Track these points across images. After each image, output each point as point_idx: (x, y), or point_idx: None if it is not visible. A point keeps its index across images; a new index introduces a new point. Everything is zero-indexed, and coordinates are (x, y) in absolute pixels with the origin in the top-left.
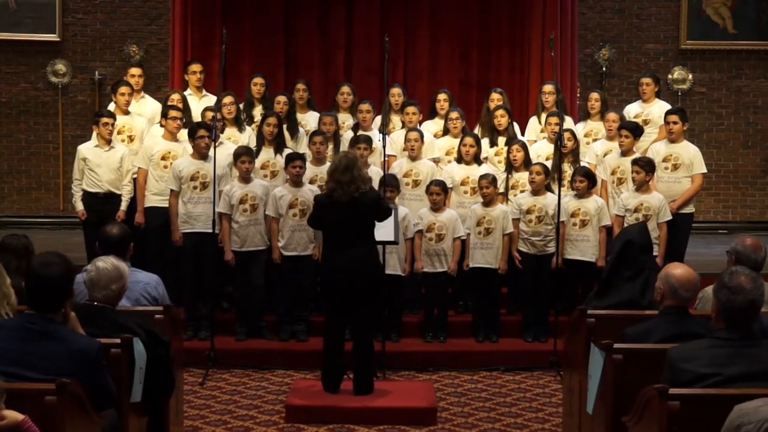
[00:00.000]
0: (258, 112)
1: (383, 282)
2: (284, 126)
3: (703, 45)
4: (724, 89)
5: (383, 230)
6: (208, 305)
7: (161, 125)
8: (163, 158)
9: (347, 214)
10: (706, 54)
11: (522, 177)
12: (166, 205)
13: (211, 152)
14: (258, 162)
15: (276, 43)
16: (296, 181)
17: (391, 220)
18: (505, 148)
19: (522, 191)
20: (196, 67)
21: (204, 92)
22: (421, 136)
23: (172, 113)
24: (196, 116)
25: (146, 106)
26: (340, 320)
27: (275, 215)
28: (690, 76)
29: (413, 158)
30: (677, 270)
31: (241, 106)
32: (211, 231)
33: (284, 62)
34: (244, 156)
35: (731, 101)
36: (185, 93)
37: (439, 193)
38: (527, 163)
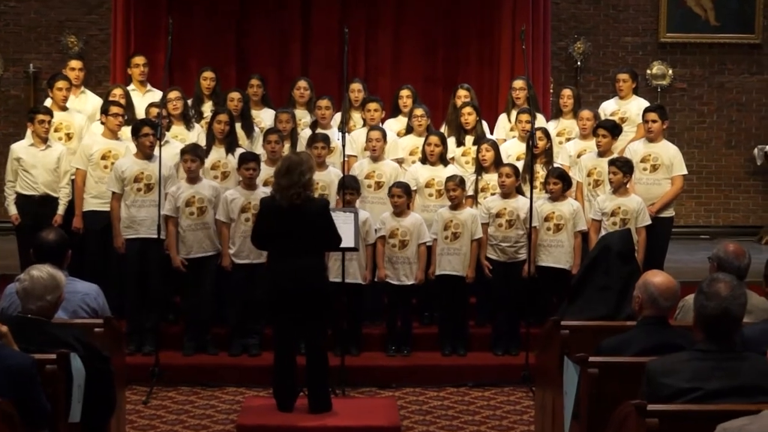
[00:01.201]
0: (208, 108)
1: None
2: (238, 124)
3: (683, 38)
4: (706, 85)
5: (342, 236)
6: (153, 317)
7: (102, 122)
8: (104, 158)
9: (288, 221)
10: (686, 48)
11: (491, 179)
12: (107, 209)
13: (156, 151)
14: (208, 162)
15: (227, 34)
16: (249, 184)
17: (350, 225)
18: (473, 148)
19: (492, 194)
20: (139, 60)
21: (148, 87)
22: (384, 135)
23: (114, 109)
24: (140, 113)
25: (86, 102)
26: (289, 333)
27: (226, 220)
28: (670, 71)
29: (375, 158)
30: (656, 278)
31: (189, 102)
32: (156, 236)
33: (236, 55)
34: (188, 154)
35: (713, 98)
36: (128, 88)
37: (401, 195)
38: (497, 163)
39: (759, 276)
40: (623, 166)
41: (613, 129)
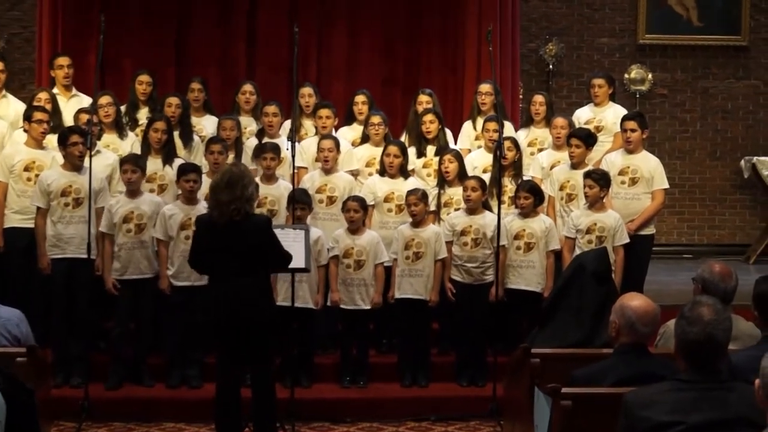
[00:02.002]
0: (143, 114)
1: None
2: (176, 132)
3: (664, 39)
4: (689, 91)
5: (292, 255)
6: (82, 345)
7: (25, 130)
8: (27, 169)
9: (229, 240)
10: (667, 50)
11: (455, 193)
12: (31, 226)
13: (85, 162)
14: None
15: (165, 34)
16: (189, 198)
17: (301, 244)
18: (436, 159)
19: (456, 209)
20: (63, 61)
21: (74, 91)
22: (337, 144)
23: (38, 115)
24: (68, 120)
25: (7, 108)
26: (233, 363)
27: (164, 238)
28: (649, 76)
29: (327, 170)
30: (634, 301)
31: (123, 108)
32: (85, 256)
33: (175, 57)
34: (128, 164)
35: (697, 105)
36: (54, 92)
37: (357, 210)
38: (461, 176)
39: (746, 299)
40: (599, 179)
41: (587, 138)
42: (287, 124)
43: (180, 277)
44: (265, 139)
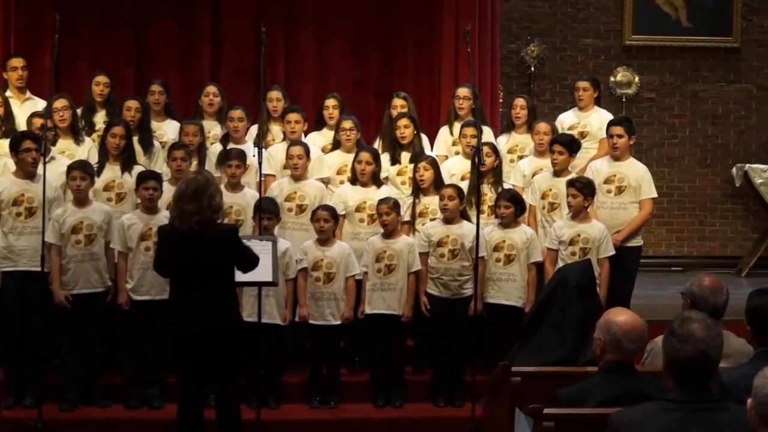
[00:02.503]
0: (100, 119)
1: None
2: (135, 137)
3: (651, 41)
4: (678, 95)
5: (258, 268)
6: (34, 364)
7: None
8: None
9: (195, 252)
10: (655, 52)
11: (431, 202)
12: None
13: (39, 170)
14: (100, 182)
15: (124, 33)
16: (150, 207)
17: (268, 256)
18: (411, 166)
19: (431, 219)
20: (16, 62)
21: (28, 94)
22: (306, 150)
23: None
24: (21, 124)
25: None
26: (195, 382)
27: (123, 249)
28: (636, 79)
29: (296, 178)
30: (620, 317)
31: (79, 111)
32: (38, 269)
33: (135, 58)
34: (75, 171)
35: (686, 109)
36: (6, 95)
37: (327, 220)
38: (437, 184)
39: (738, 313)
40: (583, 188)
41: (570, 144)
42: (254, 129)
43: (140, 291)
44: (230, 145)
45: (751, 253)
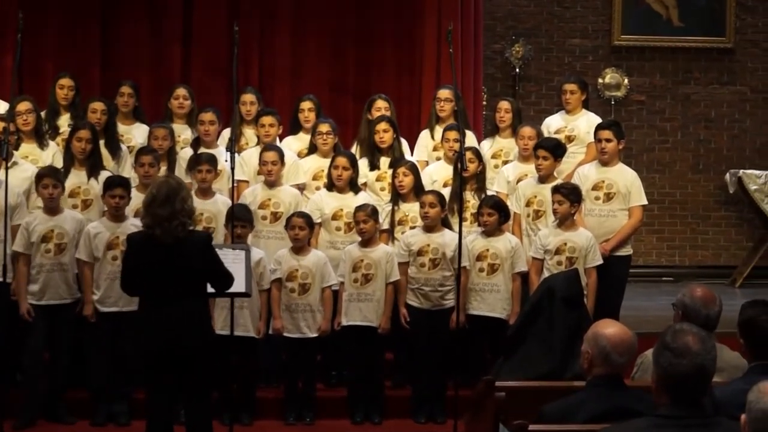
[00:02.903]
0: (65, 122)
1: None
2: (101, 141)
3: (641, 41)
4: (669, 97)
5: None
6: None
7: None
8: None
9: (169, 260)
10: (645, 52)
11: (411, 209)
12: None
13: (1, 175)
14: (65, 188)
15: (90, 32)
16: (117, 215)
17: (241, 265)
18: (390, 172)
19: (412, 227)
20: None
21: None
22: (281, 155)
23: None
24: None
25: None
26: (165, 398)
27: (88, 259)
28: (625, 81)
29: (270, 184)
30: (609, 329)
31: (43, 114)
32: (1, 280)
33: (101, 58)
34: (47, 178)
35: (677, 113)
36: None
37: (303, 228)
38: (418, 190)
39: (731, 326)
40: (569, 194)
41: (555, 149)
42: (226, 132)
43: (106, 303)
44: (201, 150)
45: (746, 263)
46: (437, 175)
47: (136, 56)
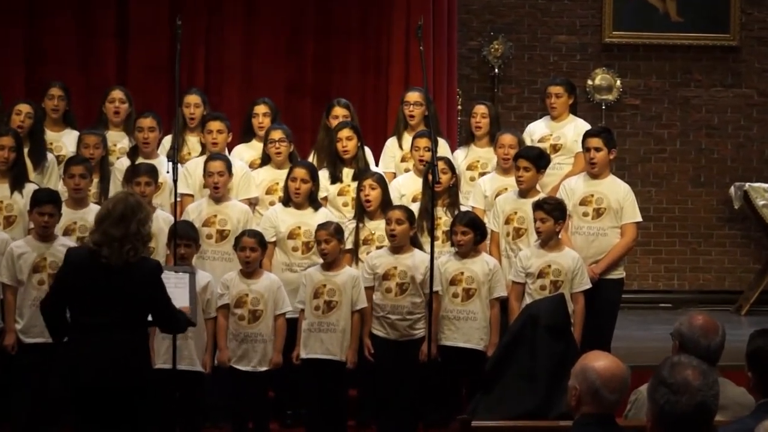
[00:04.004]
0: None
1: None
2: (25, 149)
3: (635, 38)
4: (666, 101)
5: (174, 303)
6: None
7: None
8: None
9: (111, 285)
10: (640, 51)
11: (378, 226)
12: None
13: None
14: None
15: (12, 27)
16: (45, 234)
17: (185, 290)
18: (354, 185)
19: (378, 247)
20: None
21: None
22: (229, 166)
23: None
24: None
25: None
26: None
27: (11, 282)
28: (618, 83)
29: (217, 199)
30: (599, 362)
31: None
32: None
33: (24, 55)
34: None
35: (676, 118)
36: None
37: (254, 248)
38: (386, 205)
39: (737, 358)
40: (553, 210)
41: (537, 159)
42: (167, 140)
43: (31, 333)
44: (140, 160)
45: (753, 288)
46: (405, 188)
47: (64, 53)
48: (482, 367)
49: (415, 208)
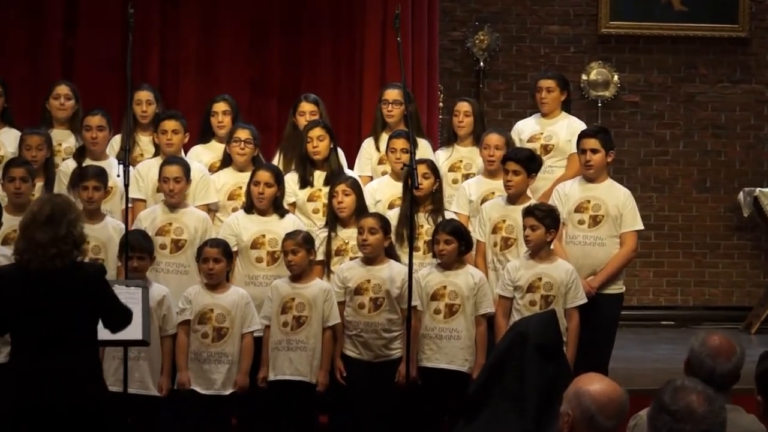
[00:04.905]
0: None
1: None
2: None
3: (635, 28)
4: (669, 98)
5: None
6: None
7: None
8: None
9: (43, 298)
10: (639, 43)
11: (352, 236)
12: None
13: None
14: None
15: None
16: None
17: (137, 306)
18: (325, 190)
19: (352, 258)
20: None
21: None
22: (186, 169)
23: None
24: None
25: None
26: None
27: None
28: (615, 78)
29: (172, 205)
30: (594, 385)
31: None
32: None
33: None
34: None
35: (679, 117)
36: None
37: (219, 260)
38: (360, 212)
39: (746, 382)
40: (545, 218)
41: (528, 162)
42: (117, 140)
43: None
44: (87, 161)
45: (763, 303)
46: (381, 193)
47: (4, 44)
48: (466, 390)
49: (392, 214)
